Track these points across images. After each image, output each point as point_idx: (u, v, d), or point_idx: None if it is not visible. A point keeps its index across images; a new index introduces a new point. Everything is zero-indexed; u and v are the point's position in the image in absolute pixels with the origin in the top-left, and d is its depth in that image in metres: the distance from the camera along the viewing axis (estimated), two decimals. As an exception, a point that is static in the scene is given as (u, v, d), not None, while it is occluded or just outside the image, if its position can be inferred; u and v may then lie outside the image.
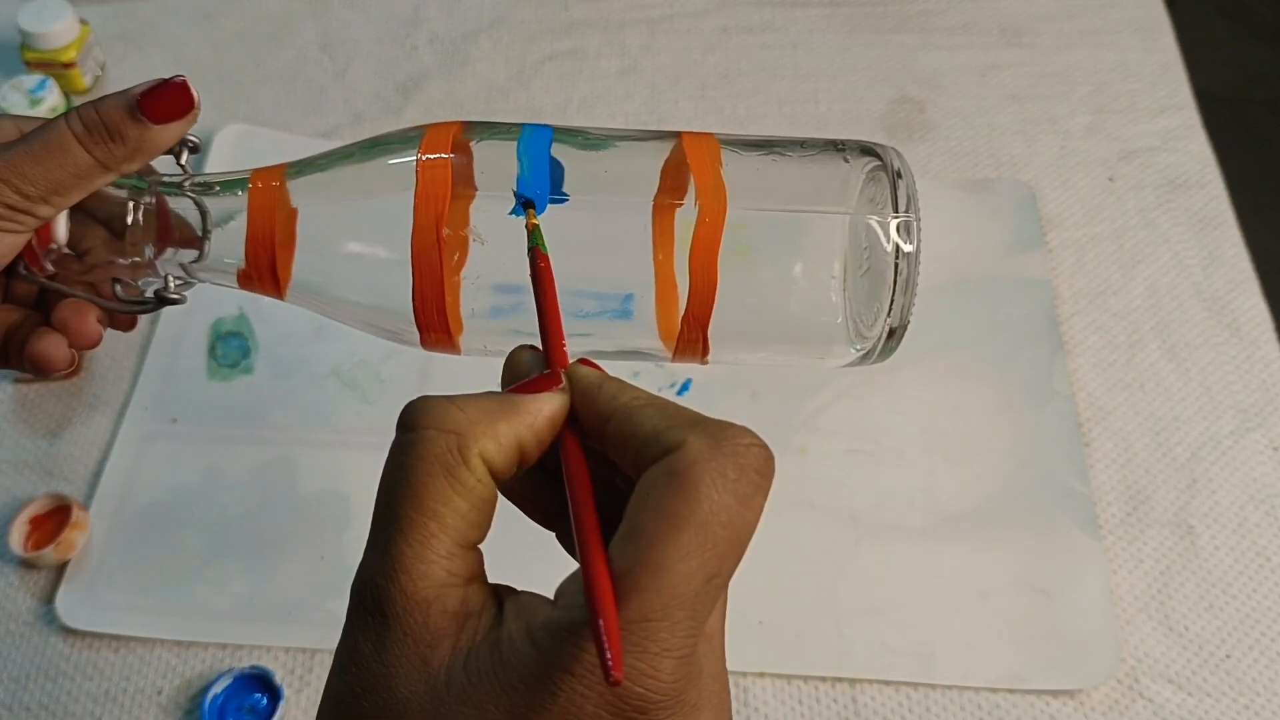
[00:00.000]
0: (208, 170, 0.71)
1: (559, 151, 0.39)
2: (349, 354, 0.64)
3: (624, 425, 0.27)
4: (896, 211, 0.39)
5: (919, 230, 0.39)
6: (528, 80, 0.78)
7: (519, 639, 0.25)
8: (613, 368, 0.33)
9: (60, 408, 0.62)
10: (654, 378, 0.63)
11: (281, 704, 0.52)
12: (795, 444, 0.61)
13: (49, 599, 0.56)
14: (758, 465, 0.26)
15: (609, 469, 0.28)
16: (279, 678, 0.53)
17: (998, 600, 0.56)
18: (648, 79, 0.78)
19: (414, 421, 0.28)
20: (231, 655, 0.55)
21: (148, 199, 0.37)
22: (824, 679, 0.54)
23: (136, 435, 0.61)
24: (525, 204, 0.38)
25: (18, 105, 0.68)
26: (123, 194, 0.36)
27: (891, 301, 0.39)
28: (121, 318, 0.39)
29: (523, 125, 0.40)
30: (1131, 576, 0.57)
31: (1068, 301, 0.67)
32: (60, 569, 0.56)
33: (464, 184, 0.38)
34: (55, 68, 0.73)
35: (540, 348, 0.32)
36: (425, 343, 0.40)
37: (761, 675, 0.54)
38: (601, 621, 0.23)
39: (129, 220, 0.36)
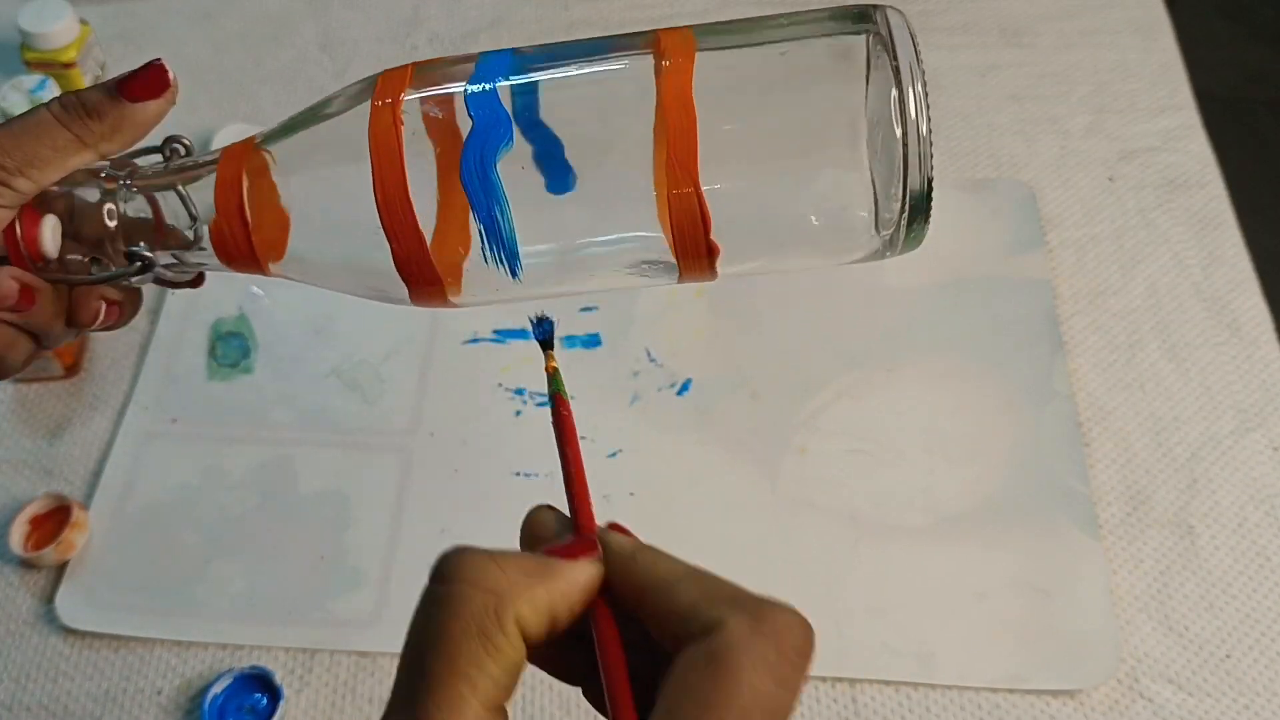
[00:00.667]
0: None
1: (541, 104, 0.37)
2: (349, 354, 0.64)
3: (661, 600, 0.27)
4: (898, 85, 0.35)
5: (923, 96, 0.35)
6: (528, 80, 0.78)
7: None
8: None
9: (60, 407, 0.62)
10: (653, 377, 0.63)
11: (281, 704, 0.52)
12: (795, 444, 0.61)
13: (49, 599, 0.56)
14: (798, 644, 0.26)
15: (638, 628, 0.28)
16: (279, 678, 0.53)
17: (997, 600, 0.56)
18: (648, 79, 0.78)
19: (452, 574, 0.27)
20: (231, 655, 0.55)
21: (120, 197, 0.36)
22: (824, 679, 0.54)
23: (136, 435, 0.61)
24: (543, 344, 0.37)
25: (18, 105, 0.68)
26: (95, 192, 0.36)
27: (905, 173, 0.36)
28: (115, 308, 0.38)
29: (478, 58, 0.37)
30: (1131, 576, 0.57)
31: (1068, 301, 0.67)
32: (60, 569, 0.56)
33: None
34: (55, 68, 0.73)
35: (562, 505, 0.31)
36: (415, 297, 0.38)
37: (761, 675, 0.54)
38: None
39: (106, 223, 0.36)
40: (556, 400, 0.34)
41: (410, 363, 0.64)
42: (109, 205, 0.36)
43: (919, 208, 0.38)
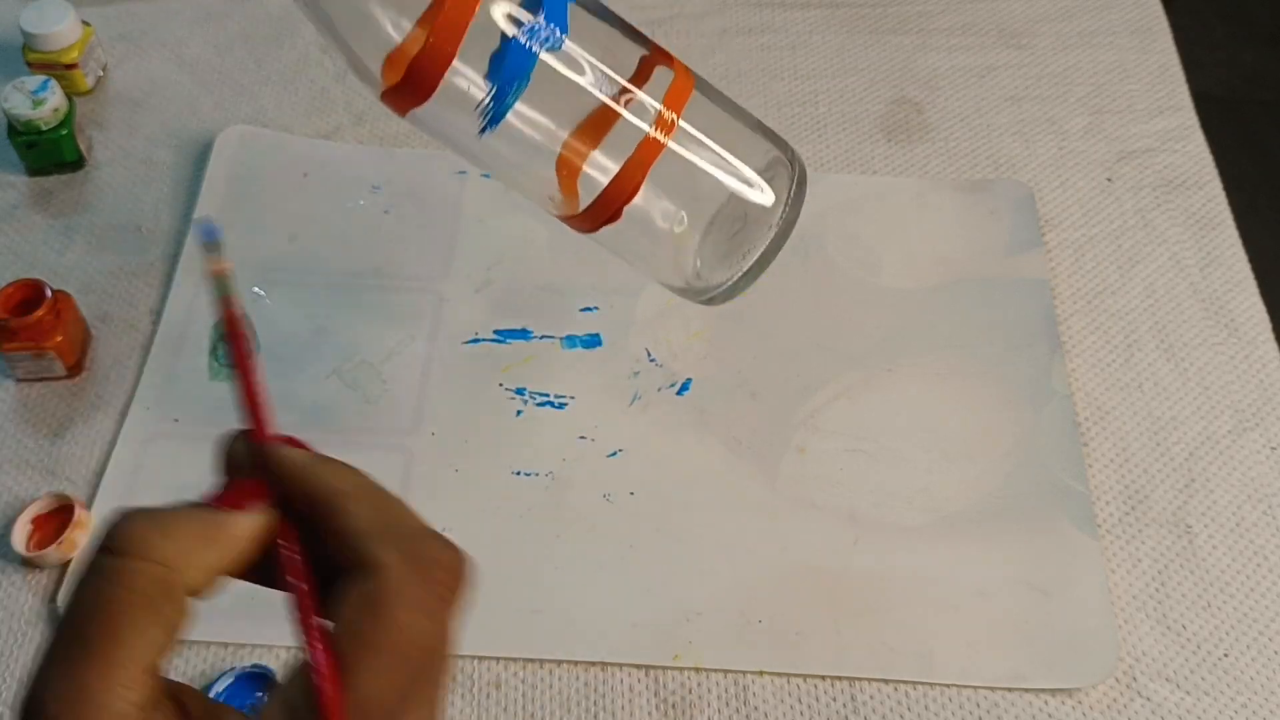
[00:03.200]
0: (208, 171, 0.71)
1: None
2: (350, 354, 0.64)
3: (331, 518, 0.28)
4: (785, 202, 0.49)
5: (783, 235, 0.49)
6: (528, 81, 0.78)
7: None
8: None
9: (63, 407, 0.62)
10: (653, 377, 0.63)
11: (283, 702, 0.53)
12: (795, 444, 0.61)
13: (51, 598, 0.56)
14: (446, 578, 0.27)
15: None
16: (280, 676, 0.53)
17: (996, 599, 0.56)
18: (647, 80, 0.79)
19: (120, 545, 0.27)
20: (233, 654, 0.55)
21: None
22: (823, 677, 0.54)
23: (139, 435, 0.61)
24: (206, 245, 0.33)
25: (20, 106, 0.68)
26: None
27: (741, 271, 0.49)
28: None
29: None
30: (1130, 576, 0.57)
31: (1066, 301, 0.67)
32: (63, 568, 0.57)
33: None
34: (57, 69, 0.73)
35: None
36: (388, 90, 0.46)
37: (761, 674, 0.54)
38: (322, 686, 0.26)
39: None
40: (227, 305, 0.33)
41: (411, 363, 0.64)
42: None
43: (739, 288, 0.51)
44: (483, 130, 0.46)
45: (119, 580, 0.26)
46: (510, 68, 0.44)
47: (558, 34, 0.45)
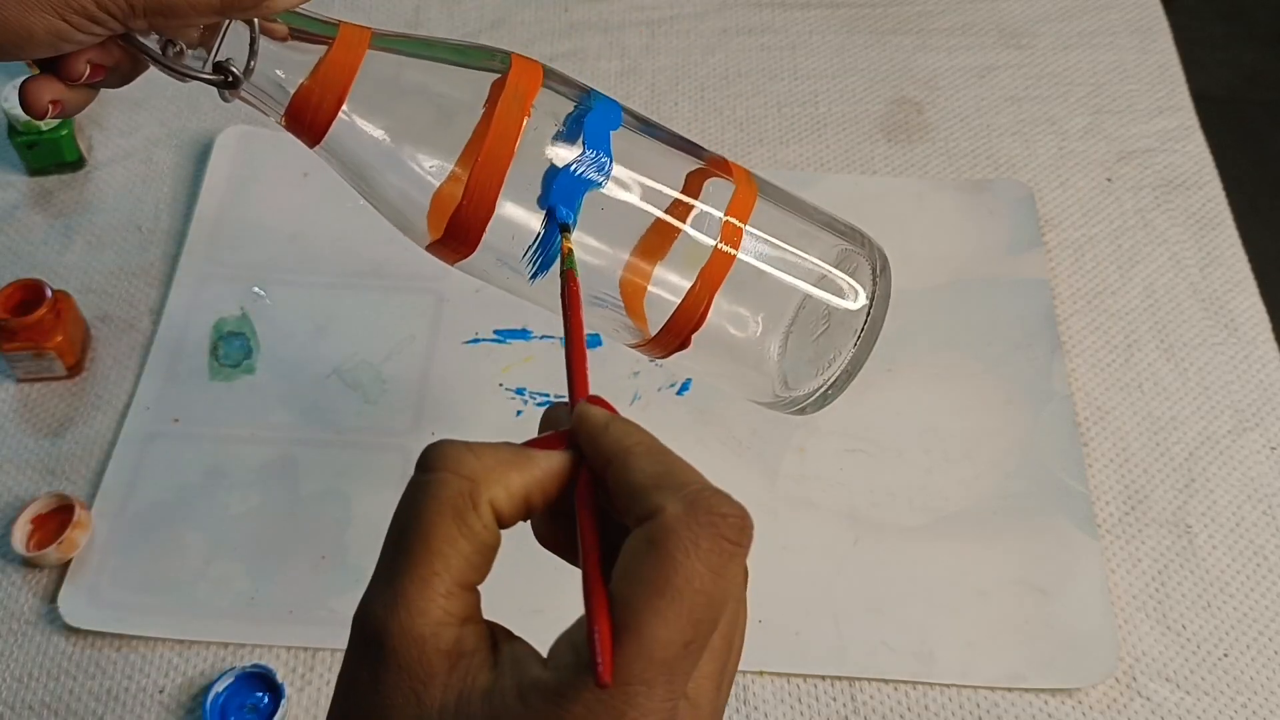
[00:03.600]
0: (208, 172, 0.71)
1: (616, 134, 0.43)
2: (350, 354, 0.64)
3: (619, 473, 0.29)
4: (871, 299, 0.46)
5: (875, 329, 0.47)
6: (528, 81, 0.78)
7: (510, 695, 0.27)
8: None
9: (63, 407, 0.62)
10: (653, 377, 0.63)
11: (283, 702, 0.53)
12: (794, 443, 0.61)
13: (51, 598, 0.56)
14: (732, 535, 0.27)
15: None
16: (281, 676, 0.53)
17: (996, 599, 0.56)
18: (648, 80, 0.79)
19: (431, 464, 0.29)
20: (233, 654, 0.55)
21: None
22: (823, 677, 0.54)
23: (139, 435, 0.61)
24: (562, 228, 0.41)
25: (20, 105, 0.68)
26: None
27: (832, 377, 0.46)
28: (109, 72, 0.40)
29: (592, 94, 0.43)
30: (1129, 575, 0.57)
31: (1066, 301, 0.67)
32: (63, 568, 0.57)
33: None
34: None
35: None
36: (435, 245, 0.43)
37: (761, 674, 0.54)
38: (597, 633, 0.26)
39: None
40: (568, 276, 0.38)
41: (411, 362, 0.64)
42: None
43: (830, 396, 0.48)
44: (533, 277, 0.43)
45: (428, 491, 0.28)
46: (557, 207, 0.42)
47: (605, 162, 0.42)
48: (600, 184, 0.42)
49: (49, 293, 0.61)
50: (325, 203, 0.71)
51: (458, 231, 0.42)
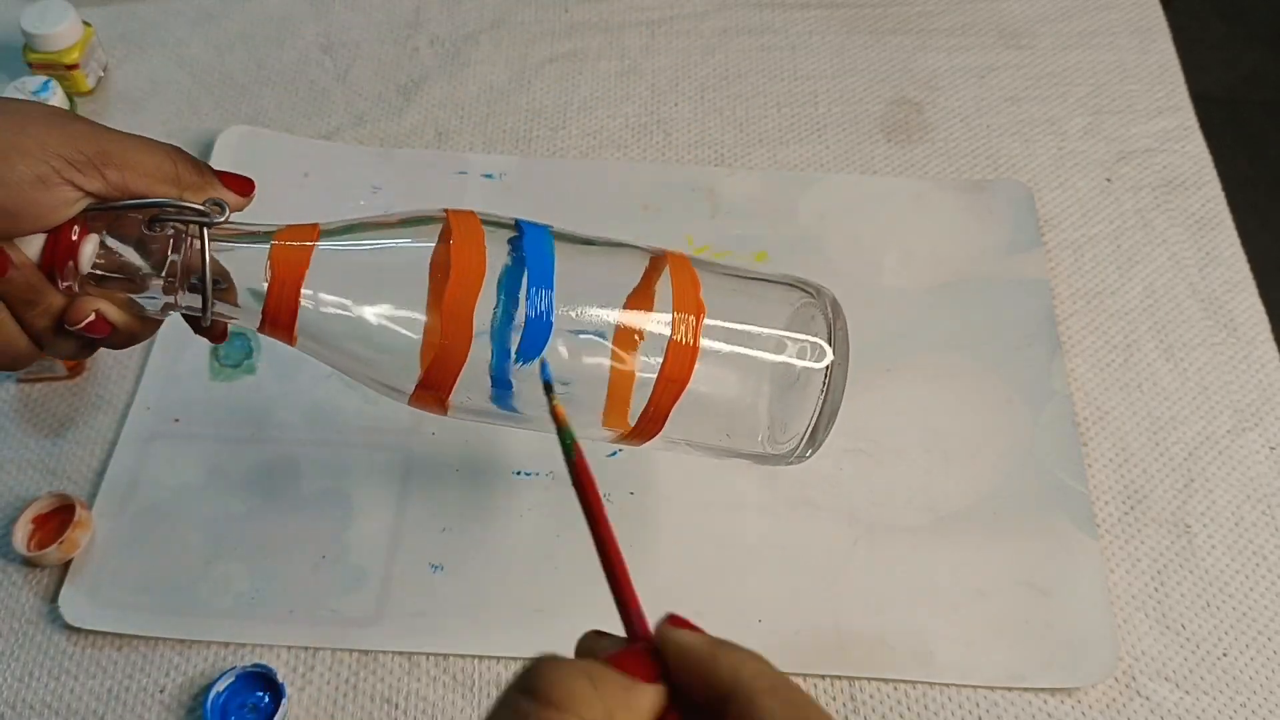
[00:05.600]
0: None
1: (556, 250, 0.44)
2: (350, 354, 0.64)
3: (743, 713, 0.26)
4: (830, 348, 0.47)
5: (842, 372, 0.47)
6: (528, 82, 0.78)
7: None
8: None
9: (64, 408, 0.63)
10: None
11: (284, 702, 0.53)
12: (794, 443, 0.61)
13: (52, 598, 0.56)
14: None
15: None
16: (281, 675, 0.53)
17: (996, 599, 0.56)
18: (648, 81, 0.79)
19: (555, 699, 0.26)
20: (234, 654, 0.55)
21: (189, 241, 0.41)
22: (823, 676, 0.54)
23: (139, 435, 0.61)
24: (546, 387, 0.42)
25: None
26: (168, 232, 0.40)
27: (810, 423, 0.47)
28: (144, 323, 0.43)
29: (519, 224, 0.45)
30: (1129, 575, 0.57)
31: (1065, 302, 0.67)
32: (64, 568, 0.57)
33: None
34: (58, 69, 0.73)
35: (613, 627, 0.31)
36: (415, 400, 0.45)
37: (761, 673, 0.54)
38: None
39: (169, 257, 0.41)
40: (575, 453, 0.35)
41: (411, 363, 0.64)
42: (194, 241, 0.41)
43: (818, 436, 0.49)
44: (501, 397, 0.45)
45: None
46: (527, 348, 0.43)
47: (547, 298, 0.43)
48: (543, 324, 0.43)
49: (50, 293, 0.61)
50: (326, 203, 0.71)
51: (431, 387, 0.44)
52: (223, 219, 0.42)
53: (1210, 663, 0.55)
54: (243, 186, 0.43)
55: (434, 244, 0.43)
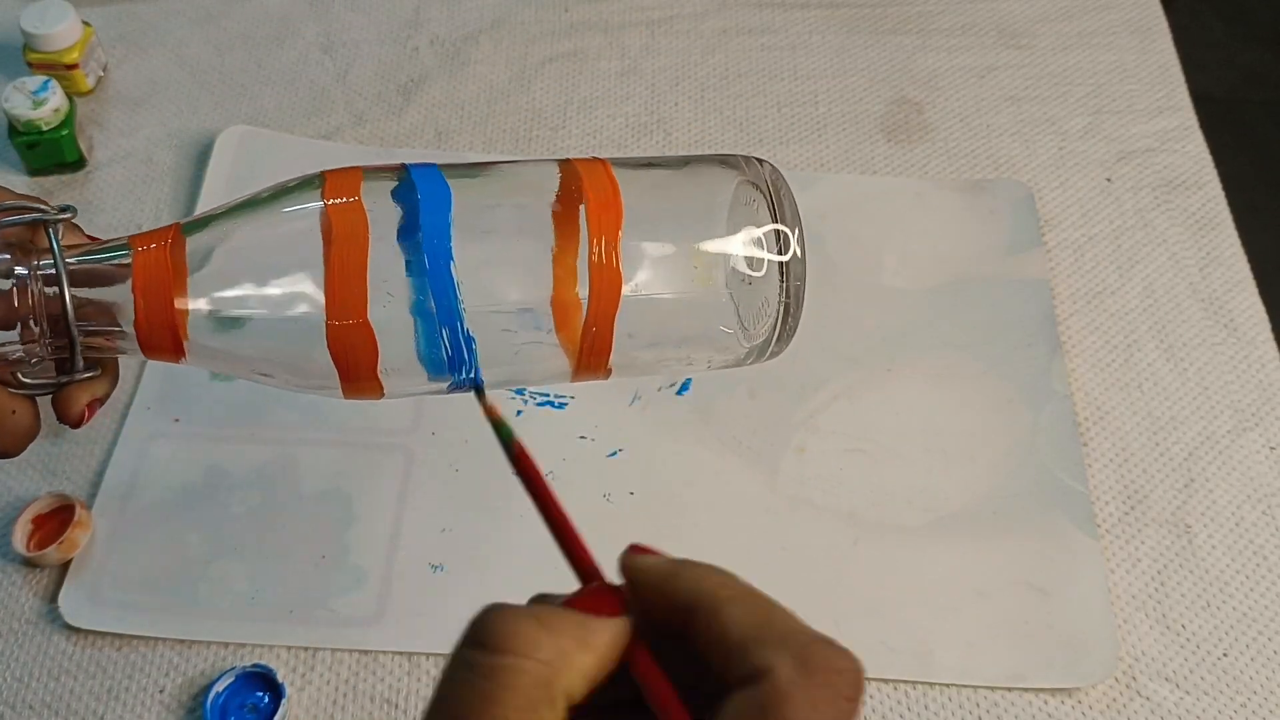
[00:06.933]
0: (208, 172, 0.71)
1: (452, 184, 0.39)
2: (350, 354, 0.64)
3: (708, 623, 0.25)
4: (775, 221, 0.41)
5: (798, 238, 0.42)
6: (528, 82, 0.78)
7: None
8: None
9: (63, 407, 0.62)
10: (654, 377, 0.63)
11: (283, 702, 0.53)
12: (794, 443, 0.61)
13: (52, 598, 0.56)
14: (849, 691, 0.24)
15: (673, 647, 0.27)
16: (281, 676, 0.53)
17: (996, 599, 0.56)
18: (648, 80, 0.79)
19: (498, 642, 0.25)
20: (233, 653, 0.55)
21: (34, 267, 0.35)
22: (823, 677, 0.54)
23: (139, 435, 0.61)
24: (477, 391, 0.38)
25: (21, 106, 0.68)
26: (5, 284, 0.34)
27: (779, 305, 0.42)
28: (70, 411, 0.38)
29: (407, 167, 0.39)
30: (1129, 575, 0.57)
31: (1066, 302, 0.67)
32: (63, 568, 0.57)
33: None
34: (58, 69, 0.73)
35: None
36: (347, 391, 0.40)
37: (761, 673, 0.54)
38: None
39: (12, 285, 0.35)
40: (516, 449, 0.33)
41: (411, 363, 0.64)
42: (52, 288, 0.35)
43: (789, 326, 0.43)
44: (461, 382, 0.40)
45: (500, 681, 0.24)
46: (441, 303, 0.38)
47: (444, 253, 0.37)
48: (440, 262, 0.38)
49: (49, 293, 0.61)
50: (325, 203, 0.70)
51: (351, 357, 0.38)
52: (69, 216, 0.36)
53: (1211, 663, 0.55)
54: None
55: (317, 206, 0.37)
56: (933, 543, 0.58)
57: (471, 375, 0.39)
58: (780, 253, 0.41)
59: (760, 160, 0.44)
